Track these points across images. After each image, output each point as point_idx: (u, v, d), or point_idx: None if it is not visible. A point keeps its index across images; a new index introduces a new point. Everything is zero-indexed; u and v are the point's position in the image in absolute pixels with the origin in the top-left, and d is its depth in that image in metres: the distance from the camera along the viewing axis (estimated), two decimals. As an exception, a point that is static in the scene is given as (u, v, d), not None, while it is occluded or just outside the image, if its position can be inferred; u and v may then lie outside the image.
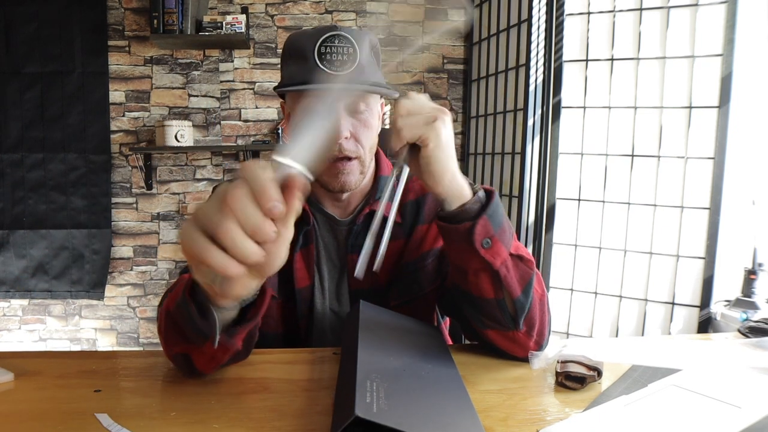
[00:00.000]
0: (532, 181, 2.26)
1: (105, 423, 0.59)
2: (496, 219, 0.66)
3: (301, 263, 0.90)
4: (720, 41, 1.87)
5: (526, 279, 0.70)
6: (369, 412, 0.49)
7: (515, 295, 0.69)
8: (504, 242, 0.67)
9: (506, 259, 0.67)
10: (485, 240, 0.65)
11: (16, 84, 2.65)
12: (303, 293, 0.90)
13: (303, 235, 0.90)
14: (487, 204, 0.66)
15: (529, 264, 0.70)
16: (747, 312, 1.77)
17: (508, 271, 0.68)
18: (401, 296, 0.90)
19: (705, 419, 0.58)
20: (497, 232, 0.66)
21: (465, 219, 0.66)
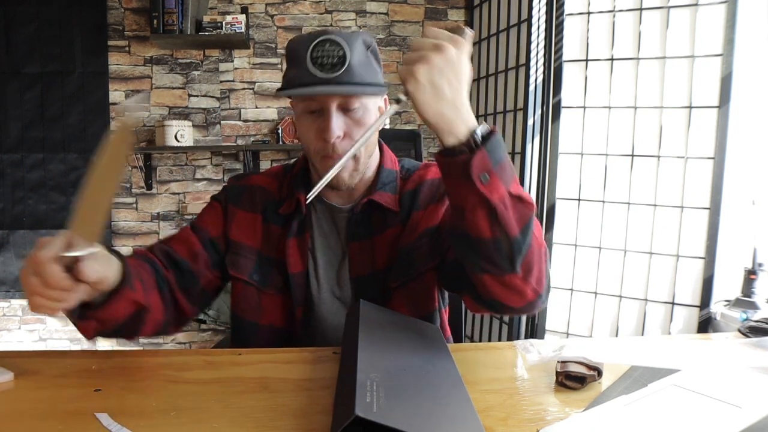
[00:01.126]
0: (532, 181, 2.26)
1: (105, 422, 0.59)
2: (495, 155, 0.65)
3: (294, 249, 0.94)
4: (720, 41, 1.87)
5: (525, 220, 0.68)
6: (369, 412, 0.49)
7: (513, 234, 0.67)
8: (503, 179, 0.66)
9: (504, 196, 0.66)
10: (483, 174, 0.64)
11: (16, 84, 2.65)
12: (296, 278, 0.94)
13: (298, 223, 0.95)
14: (486, 141, 0.65)
15: (528, 206, 0.69)
16: (747, 312, 1.76)
17: (506, 208, 0.66)
18: (398, 278, 0.92)
19: (705, 419, 0.58)
20: (496, 167, 0.65)
21: (462, 152, 0.65)
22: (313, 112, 0.87)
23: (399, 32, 2.81)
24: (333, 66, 0.83)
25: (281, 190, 1.00)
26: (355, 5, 2.78)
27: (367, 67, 0.87)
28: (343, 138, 0.86)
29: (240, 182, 1.03)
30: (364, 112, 0.87)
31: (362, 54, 0.86)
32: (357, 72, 0.84)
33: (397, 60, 2.82)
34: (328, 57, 0.83)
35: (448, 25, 0.71)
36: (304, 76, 0.83)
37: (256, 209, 0.98)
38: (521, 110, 2.28)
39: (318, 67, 0.83)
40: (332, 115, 0.84)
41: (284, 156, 2.81)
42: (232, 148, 2.73)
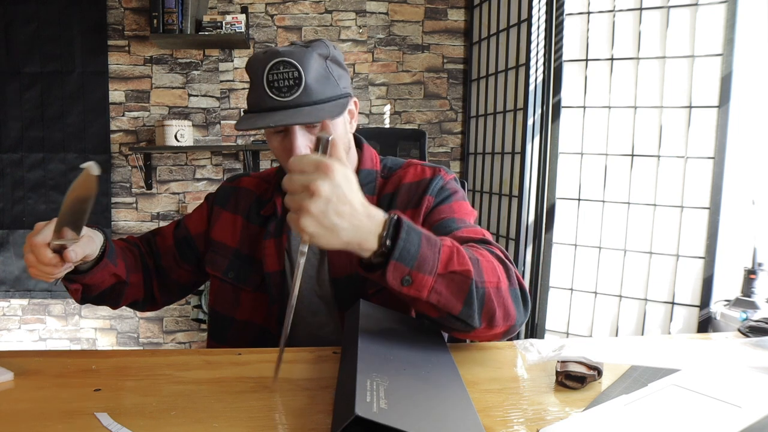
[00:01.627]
0: (532, 181, 2.26)
1: (105, 422, 0.59)
2: (407, 256, 0.64)
3: (271, 250, 0.97)
4: (720, 41, 1.87)
5: (464, 290, 0.68)
6: (369, 412, 0.49)
7: (456, 312, 0.69)
8: (426, 271, 0.66)
9: (432, 286, 0.66)
10: (404, 279, 0.65)
11: (16, 84, 2.65)
12: (273, 278, 0.96)
13: (275, 224, 0.98)
14: (393, 246, 0.64)
15: (464, 274, 0.68)
16: (747, 311, 1.77)
17: (440, 294, 0.67)
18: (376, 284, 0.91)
19: (705, 419, 0.58)
20: (414, 266, 0.65)
21: (378, 265, 0.65)
22: (279, 132, 0.88)
23: (399, 32, 2.81)
24: (289, 88, 0.84)
25: (267, 191, 1.04)
26: (355, 5, 2.78)
27: (326, 81, 0.87)
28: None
29: (231, 184, 1.09)
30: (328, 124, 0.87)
31: (319, 68, 0.87)
32: (314, 90, 0.85)
33: (398, 60, 2.82)
34: (283, 80, 0.84)
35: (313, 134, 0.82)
36: (262, 100, 0.85)
37: (238, 211, 1.03)
38: (521, 110, 2.28)
39: (275, 91, 0.84)
40: (296, 136, 0.86)
41: (284, 156, 2.81)
42: (232, 147, 2.73)
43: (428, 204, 0.93)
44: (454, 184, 0.98)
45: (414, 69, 2.83)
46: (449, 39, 2.84)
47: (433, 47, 2.83)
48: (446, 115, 2.88)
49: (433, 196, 0.94)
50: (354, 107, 0.97)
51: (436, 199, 0.94)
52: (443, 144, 2.89)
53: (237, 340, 0.98)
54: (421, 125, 2.86)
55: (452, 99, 2.87)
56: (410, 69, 2.83)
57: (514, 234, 2.30)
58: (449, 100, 2.87)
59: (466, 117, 2.83)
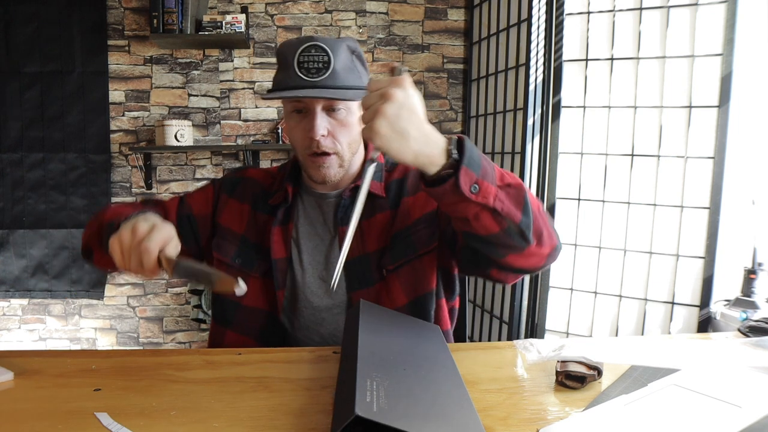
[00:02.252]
0: (532, 181, 2.26)
1: (105, 422, 0.59)
2: (474, 164, 0.70)
3: (278, 237, 1.00)
4: (720, 41, 1.87)
5: (521, 200, 0.74)
6: (369, 411, 0.49)
7: (518, 220, 0.74)
8: (489, 180, 0.71)
9: (496, 193, 0.72)
10: (472, 186, 0.69)
11: (16, 84, 2.65)
12: (279, 264, 0.99)
13: (283, 212, 1.01)
14: (461, 155, 0.69)
15: (518, 187, 0.75)
16: (747, 311, 1.77)
17: (503, 202, 0.72)
18: (397, 259, 0.96)
19: (705, 418, 0.58)
20: (480, 174, 0.70)
21: (447, 178, 0.69)
22: (300, 112, 0.93)
23: (399, 32, 2.81)
24: (318, 70, 0.89)
25: (273, 184, 1.07)
26: (355, 5, 2.78)
27: (351, 71, 0.93)
28: (327, 136, 0.92)
29: (237, 174, 1.11)
30: (347, 113, 0.93)
31: (347, 59, 0.92)
32: (341, 76, 0.90)
33: (398, 60, 2.82)
34: (313, 62, 0.89)
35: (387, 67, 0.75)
36: (291, 79, 0.90)
37: (246, 199, 1.06)
38: (521, 110, 2.28)
39: (304, 71, 0.89)
40: (317, 115, 0.90)
41: (284, 156, 2.81)
42: (232, 147, 2.73)
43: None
44: None
45: (414, 69, 2.83)
46: (449, 39, 2.83)
47: (433, 47, 2.83)
48: (446, 115, 2.88)
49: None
50: None
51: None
52: (443, 144, 2.88)
53: (243, 324, 1.00)
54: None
55: (452, 99, 2.87)
56: (410, 69, 2.83)
57: (514, 234, 2.29)
58: (449, 100, 2.87)
59: (466, 117, 2.83)
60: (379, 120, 0.64)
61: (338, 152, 0.94)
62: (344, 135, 0.93)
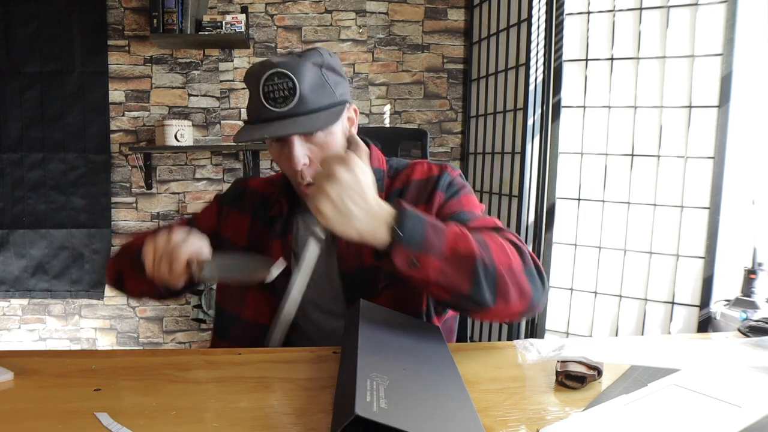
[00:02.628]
0: (531, 181, 2.26)
1: (105, 422, 0.59)
2: (413, 240, 0.70)
3: (278, 249, 0.99)
4: (720, 41, 1.87)
5: (469, 270, 0.71)
6: (369, 411, 0.49)
7: (465, 291, 0.72)
8: (432, 253, 0.70)
9: (439, 267, 0.71)
10: (411, 262, 0.70)
11: (16, 84, 2.65)
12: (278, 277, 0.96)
13: (281, 225, 1.00)
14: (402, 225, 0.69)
15: (469, 256, 0.72)
16: (747, 311, 1.77)
17: (447, 275, 0.71)
18: (388, 278, 0.93)
19: (705, 418, 0.58)
20: (419, 250, 0.70)
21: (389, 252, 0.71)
22: (279, 140, 0.89)
23: (399, 32, 2.81)
24: (284, 99, 0.85)
25: (273, 194, 1.05)
26: (355, 5, 2.78)
27: (321, 89, 0.88)
28: (309, 165, 0.89)
29: (240, 185, 1.10)
30: (325, 135, 0.89)
31: (314, 77, 0.88)
32: (309, 100, 0.86)
33: (398, 60, 2.82)
34: (278, 91, 0.85)
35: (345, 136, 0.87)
36: (259, 111, 0.87)
37: (246, 211, 1.05)
38: (521, 110, 2.28)
39: (270, 102, 0.85)
40: (294, 146, 0.87)
41: (284, 156, 2.80)
42: (232, 147, 2.73)
43: (440, 200, 0.95)
44: (461, 180, 1.01)
45: (414, 69, 2.83)
46: (449, 39, 2.83)
47: (433, 47, 2.83)
48: (446, 114, 2.88)
49: (443, 191, 0.96)
50: (354, 114, 0.98)
51: (446, 195, 0.96)
52: (443, 144, 2.89)
53: (241, 338, 0.99)
54: (421, 125, 2.86)
55: (452, 99, 2.87)
56: (410, 69, 2.83)
57: (514, 234, 2.29)
58: (449, 100, 2.87)
59: (466, 117, 2.83)
60: (323, 201, 0.67)
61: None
62: None
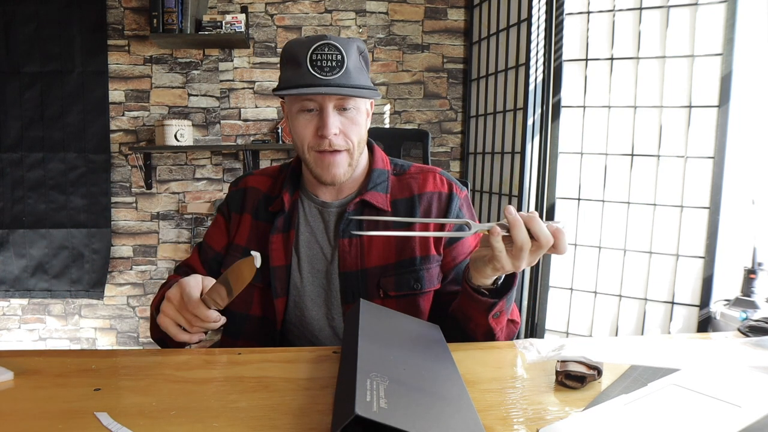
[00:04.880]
0: (531, 181, 2.26)
1: (105, 422, 0.59)
2: (510, 299, 0.84)
3: (278, 245, 0.99)
4: (720, 41, 1.87)
5: (511, 336, 0.91)
6: (369, 411, 0.49)
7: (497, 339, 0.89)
8: (507, 313, 0.86)
9: (504, 324, 0.87)
10: (496, 313, 0.84)
11: (16, 83, 2.65)
12: (277, 272, 0.98)
13: (283, 220, 1.00)
14: (510, 287, 0.82)
15: (517, 325, 0.93)
16: (747, 311, 1.77)
17: (503, 332, 0.88)
18: (401, 288, 0.95)
19: (705, 418, 0.58)
20: (507, 308, 0.85)
21: (490, 296, 0.82)
22: (310, 111, 0.92)
23: (399, 32, 2.81)
24: (332, 69, 0.89)
25: (273, 188, 1.05)
26: (355, 4, 2.78)
27: (361, 71, 0.94)
28: (338, 135, 0.92)
29: (237, 187, 1.10)
30: (356, 112, 0.94)
31: (357, 59, 0.93)
32: (353, 75, 0.91)
33: (398, 59, 2.82)
34: (326, 60, 0.89)
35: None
36: (303, 77, 0.89)
37: (246, 210, 1.05)
38: (521, 110, 2.28)
39: (317, 69, 0.88)
40: (330, 114, 0.91)
41: (284, 155, 2.81)
42: (232, 147, 2.73)
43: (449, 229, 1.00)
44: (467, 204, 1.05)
45: (414, 69, 2.83)
46: (449, 39, 2.83)
47: (433, 47, 2.83)
48: (446, 114, 2.88)
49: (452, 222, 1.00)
50: (370, 107, 1.02)
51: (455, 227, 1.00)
52: (443, 144, 2.89)
53: (253, 334, 1.00)
54: (421, 125, 2.86)
55: (452, 99, 2.87)
56: (410, 69, 2.83)
57: (514, 234, 2.29)
58: (449, 100, 2.87)
59: (466, 117, 2.83)
60: (524, 259, 0.75)
61: (349, 149, 0.94)
62: (354, 133, 0.94)
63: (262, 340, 0.99)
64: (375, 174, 1.01)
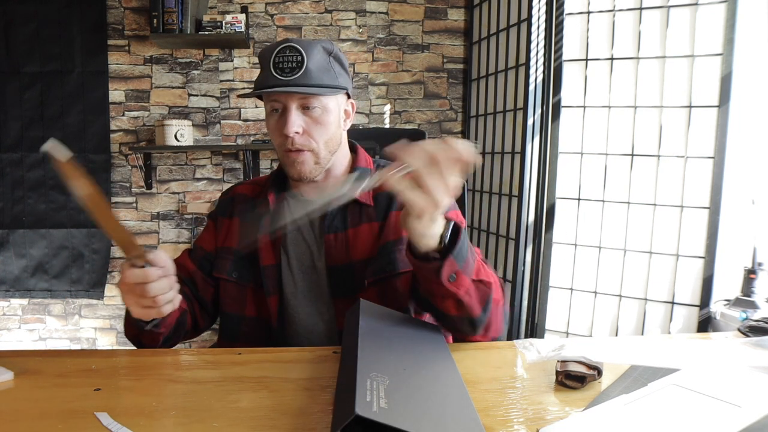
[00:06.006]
0: (531, 181, 2.26)
1: (105, 422, 0.59)
2: (461, 256, 0.75)
3: (266, 244, 1.01)
4: (720, 41, 1.87)
5: (485, 298, 0.80)
6: (369, 411, 0.49)
7: (475, 315, 0.80)
8: (467, 273, 0.77)
9: (468, 286, 0.77)
10: (451, 275, 0.75)
11: (16, 83, 2.65)
12: (268, 271, 1.00)
13: (270, 219, 1.02)
14: (454, 243, 0.74)
15: (488, 285, 0.81)
16: (747, 311, 1.77)
17: (470, 296, 0.78)
18: (377, 273, 0.96)
19: (705, 418, 0.58)
20: (461, 266, 0.75)
21: (433, 258, 0.74)
22: (277, 111, 0.95)
23: (399, 32, 2.81)
24: (291, 70, 0.92)
25: (260, 194, 1.08)
26: (355, 4, 2.78)
27: (327, 71, 0.96)
28: (302, 134, 0.94)
29: (227, 195, 1.13)
30: (322, 111, 0.95)
31: (322, 59, 0.95)
32: (314, 75, 0.93)
33: (398, 59, 2.82)
34: (287, 62, 0.93)
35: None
36: (267, 79, 0.93)
37: (235, 214, 1.07)
38: (521, 110, 2.28)
39: (278, 71, 0.92)
40: (291, 113, 0.93)
41: (284, 155, 2.80)
42: (232, 147, 2.73)
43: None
44: None
45: (414, 69, 2.83)
46: (449, 39, 2.83)
47: (433, 47, 2.83)
48: (446, 114, 2.88)
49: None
50: (351, 109, 1.03)
51: None
52: (443, 144, 2.88)
53: (248, 335, 1.01)
54: (420, 125, 2.86)
55: (452, 99, 2.87)
56: (410, 69, 2.83)
57: (514, 234, 2.30)
58: (449, 100, 2.87)
59: (466, 117, 2.83)
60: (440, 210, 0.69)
61: (313, 149, 0.96)
62: (319, 133, 0.95)
63: (259, 340, 1.00)
64: (359, 172, 1.04)
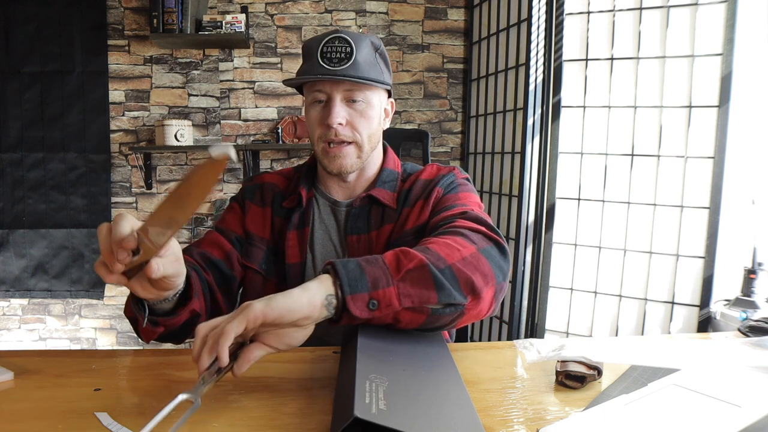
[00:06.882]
0: (531, 181, 2.26)
1: (105, 422, 0.59)
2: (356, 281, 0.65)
3: (293, 241, 0.99)
4: (720, 41, 1.87)
5: (429, 279, 0.68)
6: (368, 413, 0.49)
7: (435, 301, 0.69)
8: (384, 283, 0.66)
9: (398, 292, 0.67)
10: (369, 304, 0.65)
11: (16, 84, 2.65)
12: (293, 269, 0.98)
13: (299, 216, 1.00)
14: (339, 276, 0.65)
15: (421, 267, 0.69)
16: (747, 311, 1.77)
17: (411, 296, 0.67)
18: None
19: (705, 418, 0.58)
20: (369, 290, 0.66)
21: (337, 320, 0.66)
22: (321, 102, 0.94)
23: (399, 32, 2.81)
24: (340, 60, 0.91)
25: (289, 186, 1.06)
26: (355, 4, 2.78)
27: (373, 65, 0.94)
28: (345, 125, 0.93)
29: (253, 182, 1.09)
30: (366, 105, 0.94)
31: (369, 54, 0.94)
32: (361, 67, 0.92)
33: (398, 59, 2.82)
34: (336, 52, 0.91)
35: None
36: (313, 68, 0.91)
37: (266, 203, 1.04)
38: (521, 110, 2.28)
39: (326, 60, 0.91)
40: (336, 104, 0.92)
41: (284, 155, 2.81)
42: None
43: (437, 195, 0.97)
44: (464, 180, 1.02)
45: (414, 69, 2.83)
46: (449, 39, 2.83)
47: (433, 47, 2.83)
48: (446, 114, 2.88)
49: (442, 188, 0.98)
50: (390, 107, 1.03)
51: (444, 190, 0.98)
52: (443, 144, 2.89)
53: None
54: (421, 125, 2.86)
55: (452, 99, 2.87)
56: (410, 69, 2.83)
57: (514, 234, 2.30)
58: (449, 100, 2.87)
59: (466, 117, 2.83)
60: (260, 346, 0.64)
61: (357, 141, 0.95)
62: (363, 126, 0.95)
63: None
64: (385, 173, 1.02)
